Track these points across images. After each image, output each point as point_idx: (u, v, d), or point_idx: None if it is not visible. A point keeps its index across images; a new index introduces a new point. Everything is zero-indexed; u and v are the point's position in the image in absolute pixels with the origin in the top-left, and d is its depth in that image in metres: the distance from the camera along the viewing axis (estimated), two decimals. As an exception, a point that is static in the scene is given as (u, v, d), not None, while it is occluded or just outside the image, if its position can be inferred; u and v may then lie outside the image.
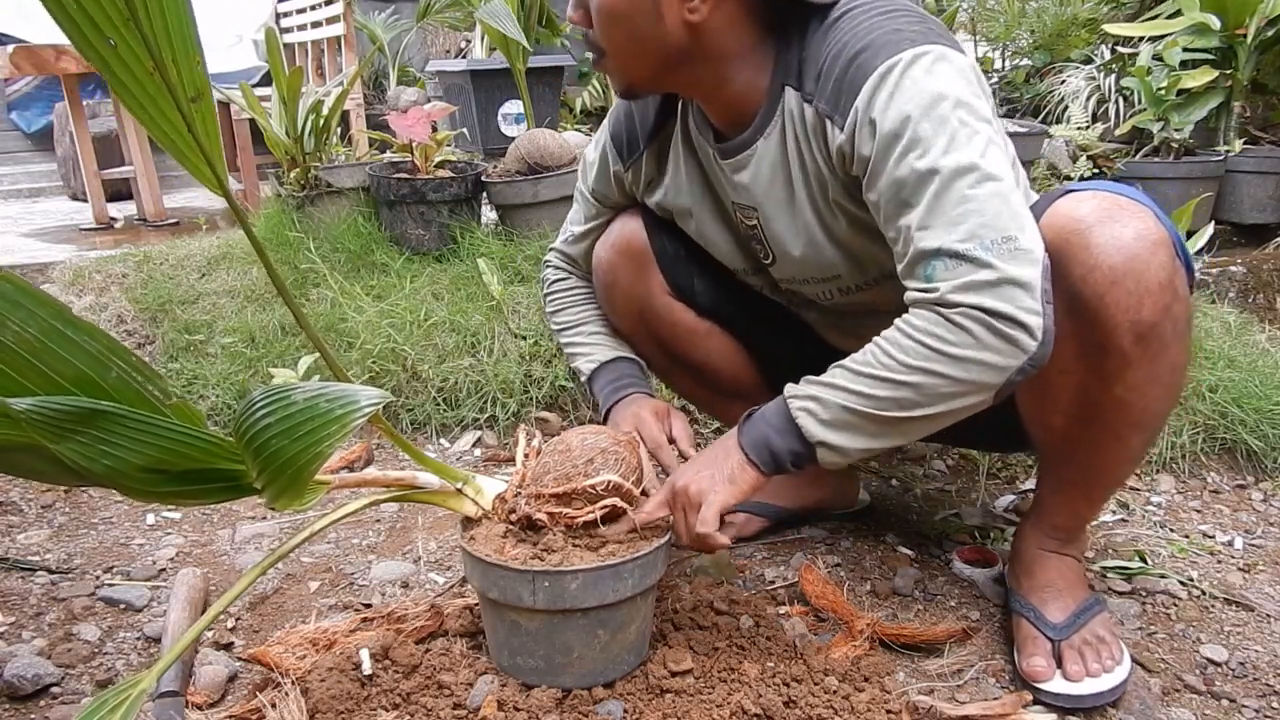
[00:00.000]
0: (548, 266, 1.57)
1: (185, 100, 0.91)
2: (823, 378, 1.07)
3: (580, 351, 1.49)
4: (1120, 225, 1.03)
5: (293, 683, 1.12)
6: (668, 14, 1.08)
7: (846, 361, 1.06)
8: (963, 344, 0.98)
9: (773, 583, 1.43)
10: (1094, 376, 1.09)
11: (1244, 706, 1.17)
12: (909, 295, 1.03)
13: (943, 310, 0.99)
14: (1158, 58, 2.75)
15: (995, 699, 1.15)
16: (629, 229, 1.42)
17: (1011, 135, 1.17)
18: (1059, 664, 1.17)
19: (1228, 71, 2.76)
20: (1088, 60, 3.34)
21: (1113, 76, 3.10)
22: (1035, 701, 1.15)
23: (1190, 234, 2.15)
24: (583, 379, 1.48)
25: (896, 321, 1.03)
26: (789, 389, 1.10)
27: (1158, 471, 1.79)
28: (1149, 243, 1.02)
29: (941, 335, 0.98)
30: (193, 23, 0.89)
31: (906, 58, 1.01)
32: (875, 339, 1.05)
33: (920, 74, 1.00)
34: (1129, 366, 1.07)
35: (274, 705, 1.08)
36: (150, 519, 1.72)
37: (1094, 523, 1.25)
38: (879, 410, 1.02)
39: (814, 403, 1.06)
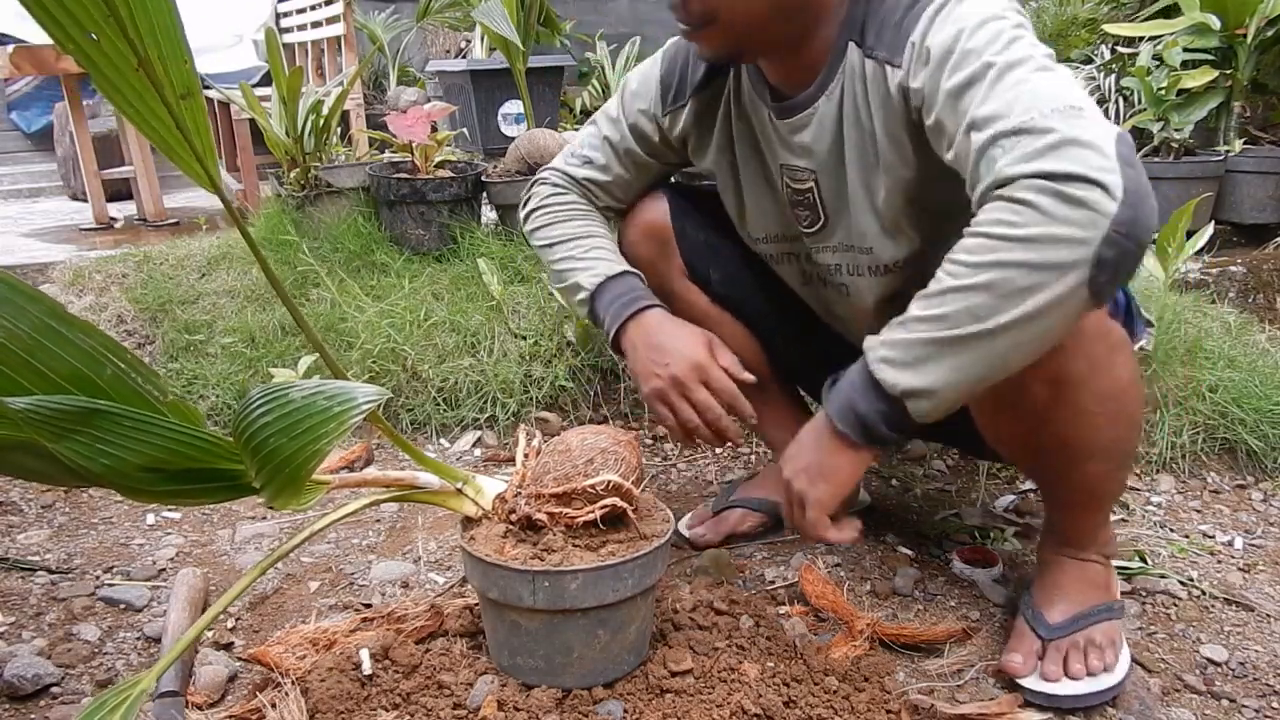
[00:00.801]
0: (542, 184, 1.46)
1: (174, 98, 0.91)
2: (893, 323, 0.96)
3: (578, 266, 1.35)
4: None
5: (293, 683, 1.12)
6: None
7: (919, 294, 0.95)
8: (1028, 221, 0.85)
9: (773, 583, 1.43)
10: (1024, 417, 1.09)
11: (1244, 706, 1.17)
12: (976, 193, 0.94)
13: (1003, 191, 0.88)
14: (1158, 58, 2.75)
15: (992, 699, 1.15)
16: (654, 211, 1.42)
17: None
18: (1041, 663, 1.17)
19: (1228, 71, 2.76)
20: (1088, 60, 3.34)
21: (1113, 76, 3.10)
22: (1027, 703, 1.15)
23: (1190, 234, 2.15)
24: (580, 295, 1.35)
25: (969, 226, 0.93)
26: (869, 339, 0.98)
27: (1158, 471, 1.79)
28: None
29: (1003, 219, 0.87)
30: (178, 21, 0.89)
31: None
32: (943, 264, 0.94)
33: (973, 3, 0.99)
34: (1052, 407, 1.06)
35: (274, 705, 1.08)
36: (150, 519, 1.72)
37: (1105, 525, 1.24)
38: (956, 329, 0.89)
39: (888, 347, 0.95)
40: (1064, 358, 1.01)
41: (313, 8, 3.73)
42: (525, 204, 1.47)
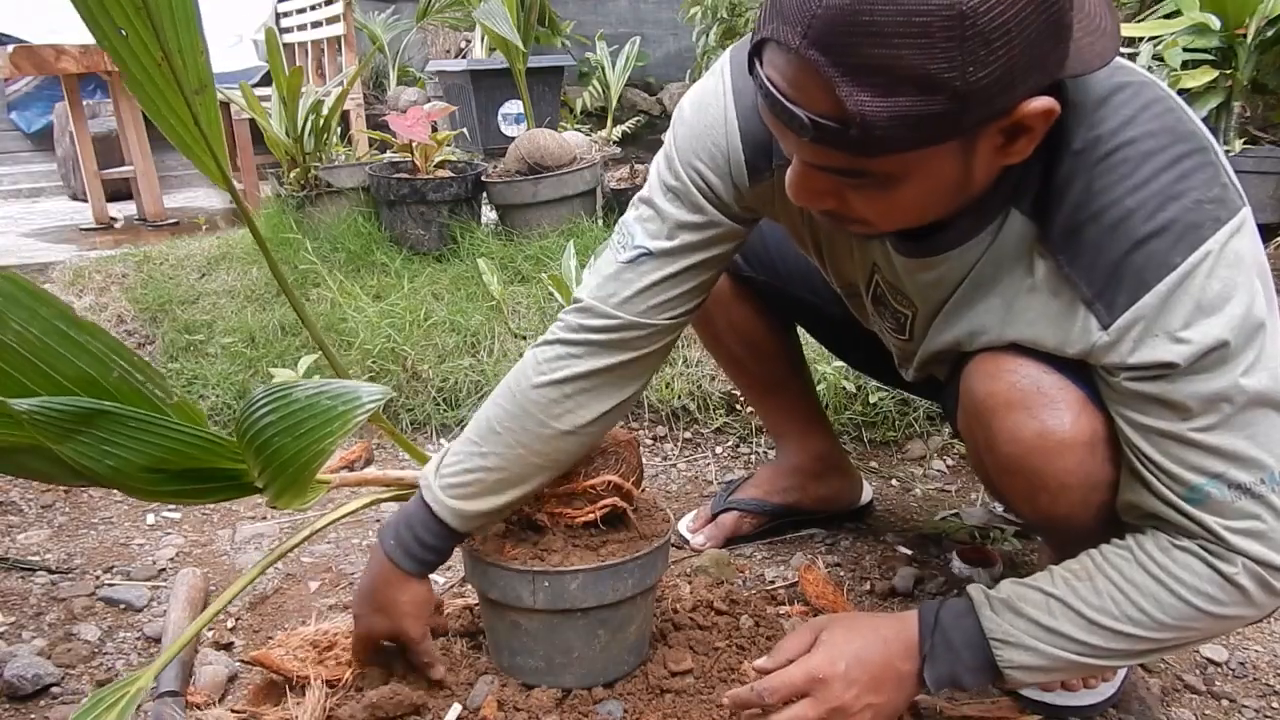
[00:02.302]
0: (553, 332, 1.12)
1: (190, 92, 0.91)
2: (1035, 611, 0.92)
3: (461, 469, 1.07)
4: (1025, 417, 0.93)
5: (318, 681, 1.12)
6: (978, 168, 0.82)
7: (1066, 594, 0.91)
8: (1234, 603, 0.87)
9: (773, 583, 1.43)
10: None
11: (1244, 706, 1.17)
12: (1159, 509, 0.88)
13: (1218, 560, 0.86)
14: (1158, 58, 2.75)
15: (993, 701, 1.15)
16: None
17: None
18: None
19: (1228, 71, 2.76)
20: (1088, 60, 3.33)
21: (1113, 76, 3.09)
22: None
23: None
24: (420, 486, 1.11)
25: (1151, 563, 0.89)
26: (987, 615, 0.94)
27: (1158, 471, 1.79)
28: (1053, 443, 0.92)
29: (1214, 595, 0.86)
30: (198, 14, 0.90)
31: (1214, 249, 0.83)
32: (1113, 576, 0.90)
33: (1226, 276, 0.83)
34: (1049, 535, 1.06)
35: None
36: (150, 519, 1.72)
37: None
38: (1106, 660, 0.92)
39: (1024, 653, 0.92)
40: (1063, 509, 0.97)
41: (313, 8, 3.73)
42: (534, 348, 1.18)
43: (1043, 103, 0.76)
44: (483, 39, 3.80)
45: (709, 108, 1.00)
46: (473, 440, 1.08)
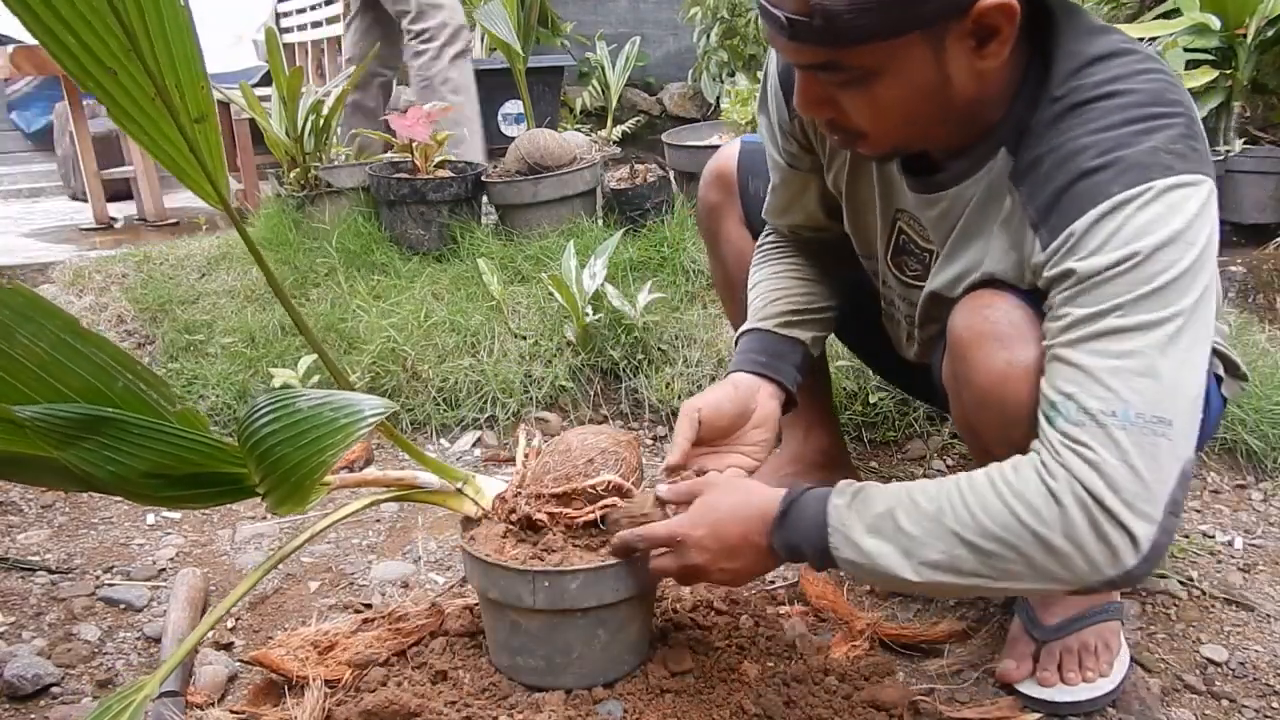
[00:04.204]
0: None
1: (189, 122, 0.91)
2: (879, 502, 0.93)
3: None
4: (997, 348, 0.96)
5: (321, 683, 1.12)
6: (955, 72, 0.90)
7: (916, 493, 0.91)
8: (1053, 524, 0.84)
9: (773, 583, 1.43)
10: None
11: (1244, 706, 1.17)
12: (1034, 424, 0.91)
13: (1046, 472, 0.86)
14: (1158, 58, 2.75)
15: (992, 701, 1.15)
16: (725, 156, 1.47)
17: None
18: (1036, 666, 1.17)
19: (1228, 71, 2.76)
20: (1088, 60, 3.33)
21: (1113, 76, 3.09)
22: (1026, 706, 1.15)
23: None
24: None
25: (994, 470, 0.90)
26: (834, 504, 0.95)
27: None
28: (1020, 371, 0.94)
29: (1035, 508, 0.85)
30: (198, 49, 0.89)
31: (1156, 188, 0.85)
32: (960, 480, 0.90)
33: (1160, 212, 0.85)
34: None
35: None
36: (150, 519, 1.72)
37: None
38: (932, 569, 0.89)
39: (855, 550, 0.93)
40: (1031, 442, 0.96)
41: (313, 8, 3.73)
42: None
43: None
44: (483, 39, 3.80)
45: (766, 66, 1.23)
46: None
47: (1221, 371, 1.18)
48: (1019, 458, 0.90)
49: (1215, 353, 1.17)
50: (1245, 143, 2.77)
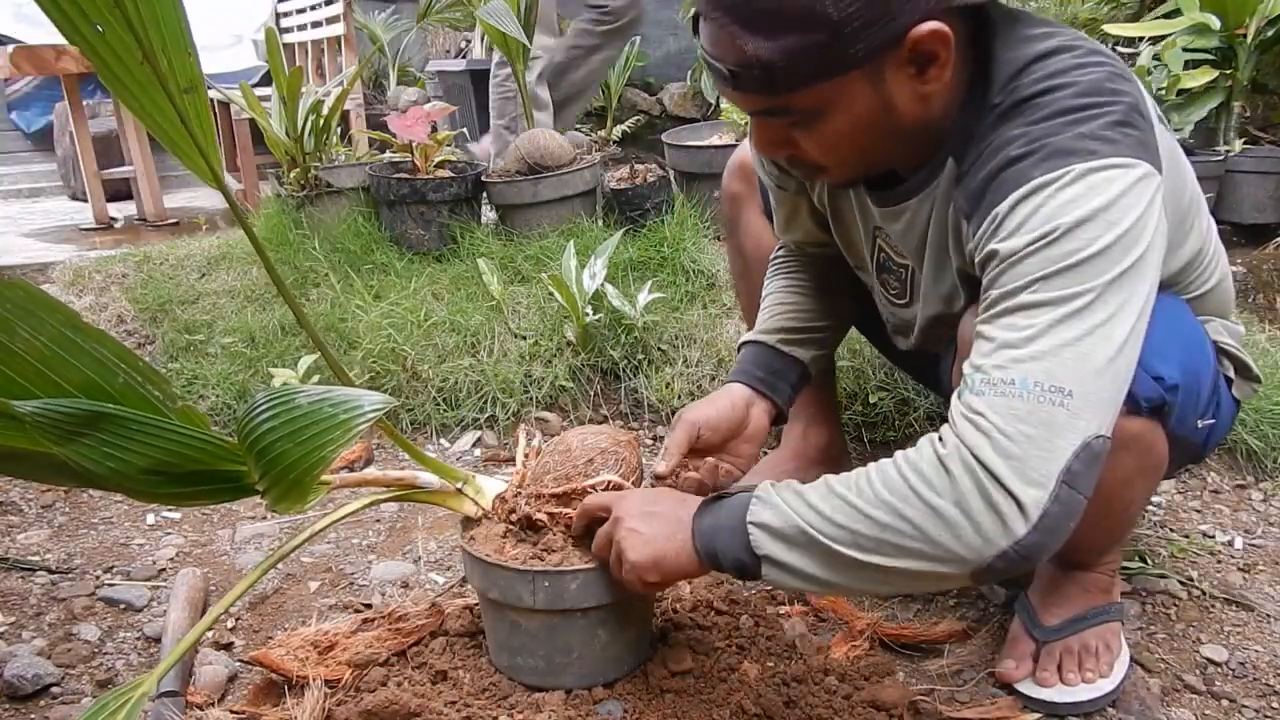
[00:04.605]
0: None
1: (178, 92, 0.91)
2: (798, 488, 0.93)
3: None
4: None
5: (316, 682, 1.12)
6: (899, 100, 0.93)
7: (831, 477, 0.93)
8: (943, 492, 0.84)
9: (773, 583, 1.43)
10: None
11: (1244, 706, 1.17)
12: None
13: (940, 439, 0.87)
14: (1158, 58, 2.75)
15: (992, 701, 1.15)
16: (746, 149, 1.48)
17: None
18: (1036, 666, 1.17)
19: (1228, 71, 2.76)
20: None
21: (1113, 76, 3.08)
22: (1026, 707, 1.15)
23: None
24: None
25: (902, 451, 0.90)
26: (760, 487, 0.96)
27: (1158, 471, 1.79)
28: None
29: (925, 475, 0.85)
30: (182, 14, 0.89)
31: (1076, 170, 0.86)
32: (872, 464, 0.91)
33: (1079, 192, 0.86)
34: None
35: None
36: (150, 519, 1.72)
37: (1111, 551, 1.23)
38: (835, 544, 0.88)
39: (772, 512, 0.92)
40: None
41: (313, 8, 3.73)
42: None
43: (928, 26, 0.87)
44: (483, 39, 3.79)
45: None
46: None
47: (1232, 373, 1.18)
48: (925, 436, 0.91)
49: (1226, 354, 1.17)
50: (1245, 143, 2.77)
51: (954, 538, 0.83)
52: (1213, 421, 1.14)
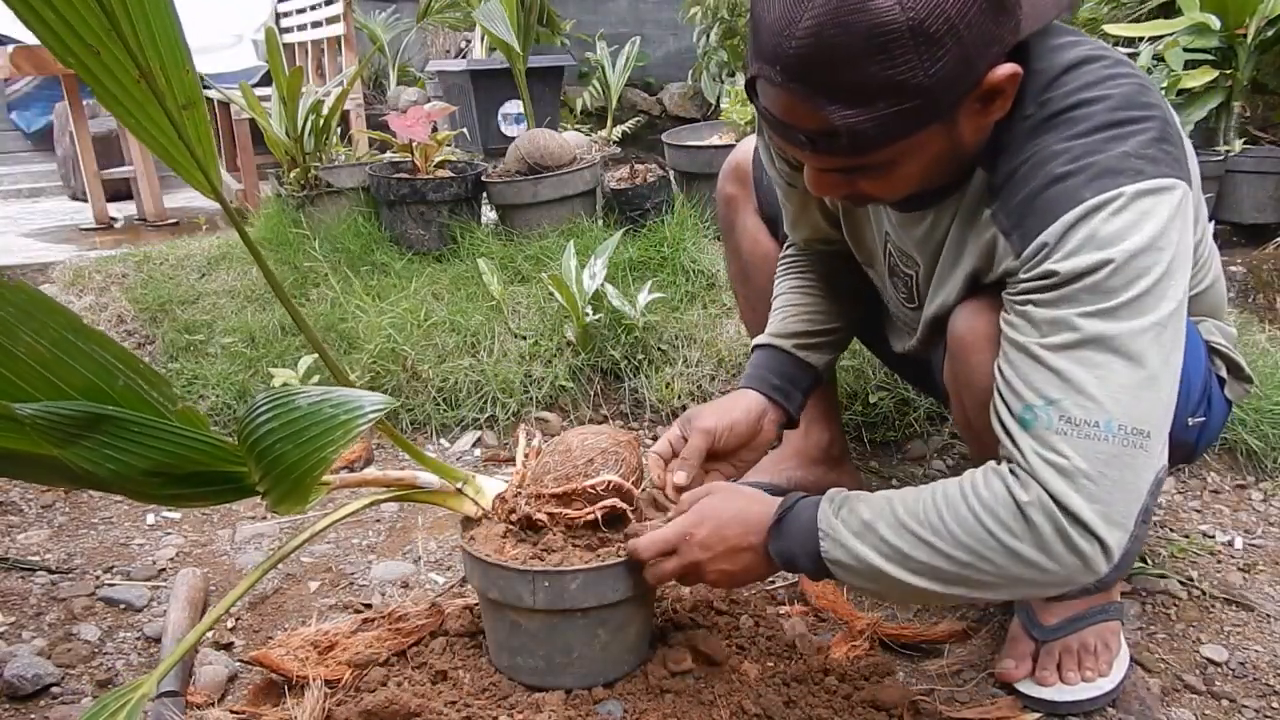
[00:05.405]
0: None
1: (175, 108, 0.91)
2: (864, 516, 0.94)
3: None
4: (995, 351, 0.96)
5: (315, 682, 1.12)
6: (966, 134, 0.92)
7: (897, 503, 0.93)
8: (1023, 537, 0.86)
9: (773, 583, 1.43)
10: None
11: (1244, 706, 1.17)
12: (998, 428, 0.91)
13: (1018, 483, 0.87)
14: (1158, 58, 2.75)
15: (992, 701, 1.15)
16: (742, 151, 1.51)
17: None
18: (1035, 666, 1.17)
19: (1228, 71, 2.76)
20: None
21: (1113, 76, 3.08)
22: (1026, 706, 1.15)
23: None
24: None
25: (967, 480, 0.91)
26: (824, 509, 0.97)
27: (1158, 471, 1.79)
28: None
29: (1005, 522, 0.86)
30: (180, 32, 0.89)
31: (1127, 194, 0.86)
32: (937, 489, 0.92)
33: (1133, 219, 0.86)
34: None
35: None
36: (150, 519, 1.72)
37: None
38: (910, 575, 0.91)
39: (841, 548, 0.95)
40: None
41: (313, 8, 3.73)
42: None
43: (1005, 69, 0.87)
44: (482, 39, 3.79)
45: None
46: None
47: (1225, 374, 1.18)
48: (991, 466, 0.91)
49: (1219, 355, 1.18)
50: (1245, 143, 2.77)
51: (1038, 573, 0.87)
52: (1204, 420, 1.15)
